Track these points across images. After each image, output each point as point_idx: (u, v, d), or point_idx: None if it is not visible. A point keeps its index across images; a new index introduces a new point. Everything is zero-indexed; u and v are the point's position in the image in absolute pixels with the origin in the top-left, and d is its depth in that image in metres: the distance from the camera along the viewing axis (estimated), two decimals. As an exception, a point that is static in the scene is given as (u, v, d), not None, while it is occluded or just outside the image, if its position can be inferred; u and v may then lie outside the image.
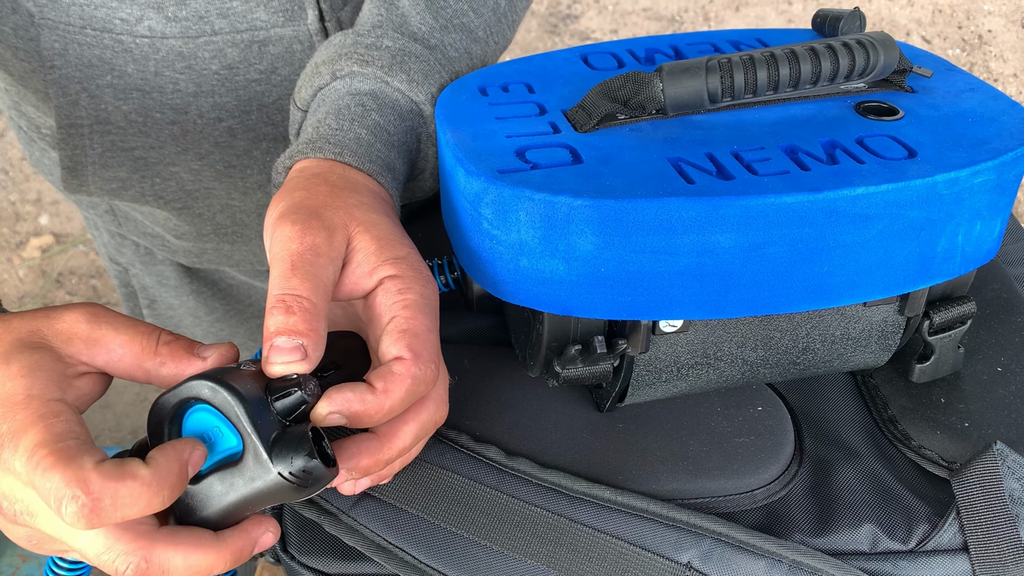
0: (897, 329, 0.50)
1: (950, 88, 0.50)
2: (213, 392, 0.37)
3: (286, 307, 0.39)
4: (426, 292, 0.43)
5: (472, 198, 0.43)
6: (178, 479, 0.36)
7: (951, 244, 0.44)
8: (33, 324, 0.40)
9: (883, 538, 0.47)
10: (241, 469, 0.37)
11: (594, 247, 0.41)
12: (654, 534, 0.45)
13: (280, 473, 0.37)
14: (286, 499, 0.38)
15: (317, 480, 0.38)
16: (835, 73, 0.45)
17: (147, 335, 0.41)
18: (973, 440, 0.49)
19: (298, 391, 0.38)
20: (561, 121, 0.47)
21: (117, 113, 0.66)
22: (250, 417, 0.37)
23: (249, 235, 0.78)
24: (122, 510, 0.34)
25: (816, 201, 0.40)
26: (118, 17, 0.62)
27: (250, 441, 0.37)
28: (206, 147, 0.69)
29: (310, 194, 0.44)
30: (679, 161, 0.42)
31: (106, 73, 0.64)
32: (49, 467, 0.34)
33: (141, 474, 0.35)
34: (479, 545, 0.45)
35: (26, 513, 0.37)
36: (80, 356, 0.40)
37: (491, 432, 0.49)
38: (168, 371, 0.40)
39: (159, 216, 0.75)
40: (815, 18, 0.53)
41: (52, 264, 1.91)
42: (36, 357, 0.38)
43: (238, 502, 0.38)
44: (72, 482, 0.34)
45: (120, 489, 0.34)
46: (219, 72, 0.65)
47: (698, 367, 0.49)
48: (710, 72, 0.44)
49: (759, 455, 0.49)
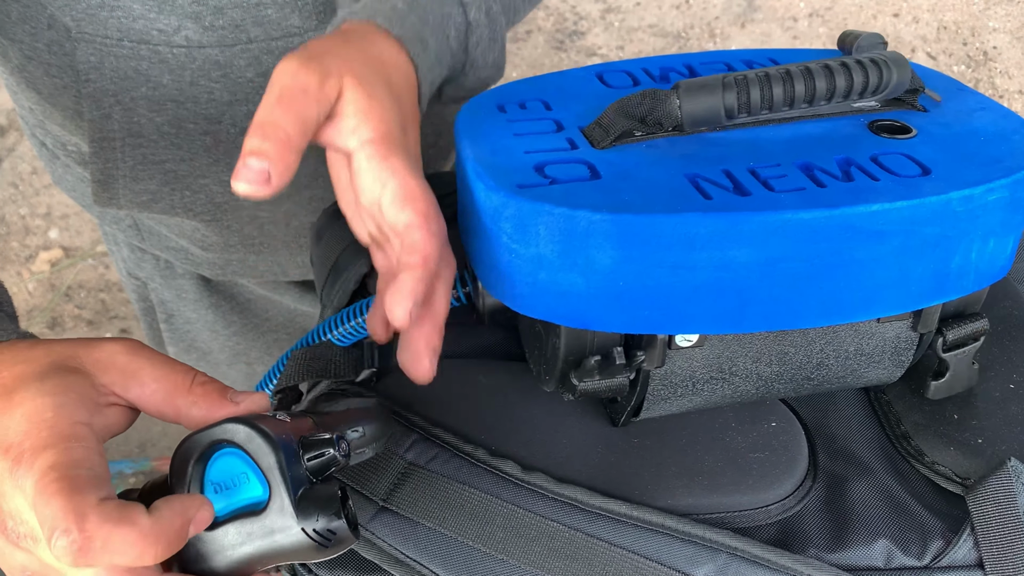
0: (910, 345, 0.50)
1: (961, 107, 0.50)
2: (248, 437, 0.37)
3: (263, 133, 0.40)
4: (409, 156, 0.44)
5: (492, 212, 0.44)
6: (177, 536, 0.35)
7: (965, 261, 0.45)
8: (73, 350, 0.40)
9: (897, 554, 0.47)
10: (262, 520, 0.37)
11: (612, 261, 0.42)
12: (670, 549, 0.45)
13: (304, 529, 0.36)
14: (302, 558, 0.37)
15: (339, 542, 0.37)
16: (849, 90, 0.46)
17: (183, 373, 0.41)
18: (987, 456, 0.49)
19: (332, 451, 0.38)
20: (578, 137, 0.47)
21: (150, 125, 0.67)
22: (282, 467, 0.36)
23: (275, 245, 0.78)
24: (111, 555, 0.34)
25: (833, 217, 0.41)
26: (156, 28, 0.62)
27: (278, 492, 0.36)
28: (237, 156, 0.69)
29: (324, 41, 0.46)
30: (696, 177, 0.43)
31: (141, 85, 0.65)
32: (52, 494, 0.34)
33: (140, 523, 0.34)
34: (496, 559, 0.45)
35: (30, 537, 0.36)
36: (114, 387, 0.40)
37: (507, 446, 0.49)
38: (199, 412, 0.40)
39: (186, 228, 0.76)
40: (840, 38, 0.54)
41: (61, 278, 1.91)
42: (71, 379, 0.38)
43: (252, 555, 0.37)
44: (69, 514, 0.33)
45: (114, 534, 0.34)
46: (254, 80, 0.66)
47: (713, 382, 0.49)
48: (727, 88, 0.45)
49: (774, 470, 0.49)
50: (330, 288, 0.63)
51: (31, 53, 0.65)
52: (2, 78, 0.75)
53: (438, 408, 0.51)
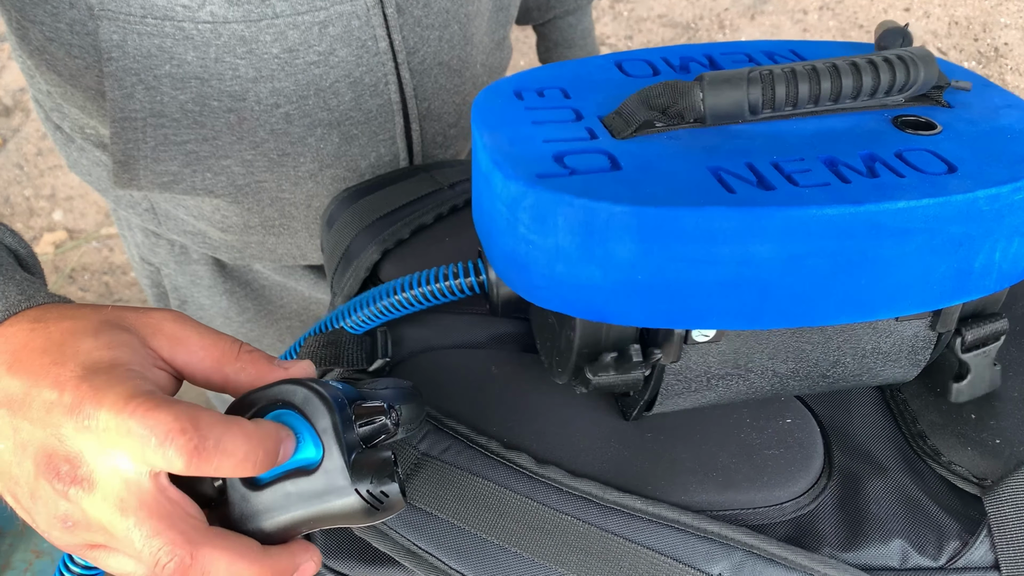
0: (928, 344, 0.50)
1: (987, 104, 0.49)
2: (306, 398, 0.37)
3: None
4: None
5: (509, 202, 0.43)
6: (274, 449, 0.36)
7: (988, 260, 0.44)
8: (123, 313, 0.40)
9: (913, 554, 0.47)
10: (314, 481, 0.36)
11: (632, 254, 0.41)
12: (685, 545, 0.44)
13: (357, 490, 0.36)
14: (351, 522, 0.37)
15: (390, 507, 0.37)
16: (876, 88, 0.45)
17: (230, 342, 0.41)
18: (1005, 457, 0.49)
19: (383, 419, 0.38)
20: (598, 127, 0.46)
21: (173, 104, 0.66)
22: (337, 429, 0.36)
23: (295, 227, 0.78)
24: (221, 457, 0.34)
25: (858, 214, 0.40)
26: (180, 4, 0.61)
27: (332, 453, 0.36)
28: (261, 135, 0.69)
29: None
30: (719, 170, 0.42)
31: (164, 63, 0.64)
32: (152, 408, 0.34)
33: (247, 428, 0.35)
34: (509, 552, 0.44)
35: (85, 480, 0.36)
36: (162, 351, 0.40)
37: (520, 439, 0.49)
38: (247, 377, 0.40)
39: (205, 210, 0.75)
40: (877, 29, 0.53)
41: (65, 260, 1.91)
42: (124, 336, 0.38)
43: (302, 516, 0.37)
44: (182, 418, 0.34)
45: (226, 434, 0.34)
46: (279, 56, 0.65)
47: (728, 378, 0.48)
48: (751, 84, 0.44)
49: (789, 468, 0.49)
50: (341, 275, 0.62)
51: (52, 34, 0.64)
52: (15, 60, 0.74)
53: (451, 399, 0.51)
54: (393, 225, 0.63)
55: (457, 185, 0.67)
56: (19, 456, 0.37)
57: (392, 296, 0.53)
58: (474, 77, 0.78)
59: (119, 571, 0.38)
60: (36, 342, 0.38)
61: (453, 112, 0.77)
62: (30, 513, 0.38)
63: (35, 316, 0.40)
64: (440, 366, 0.53)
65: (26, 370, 0.37)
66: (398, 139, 0.74)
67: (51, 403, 0.35)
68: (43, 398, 0.36)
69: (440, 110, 0.75)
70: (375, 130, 0.72)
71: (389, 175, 0.71)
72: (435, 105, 0.75)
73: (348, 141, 0.71)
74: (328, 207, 0.68)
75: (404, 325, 0.56)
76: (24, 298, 0.41)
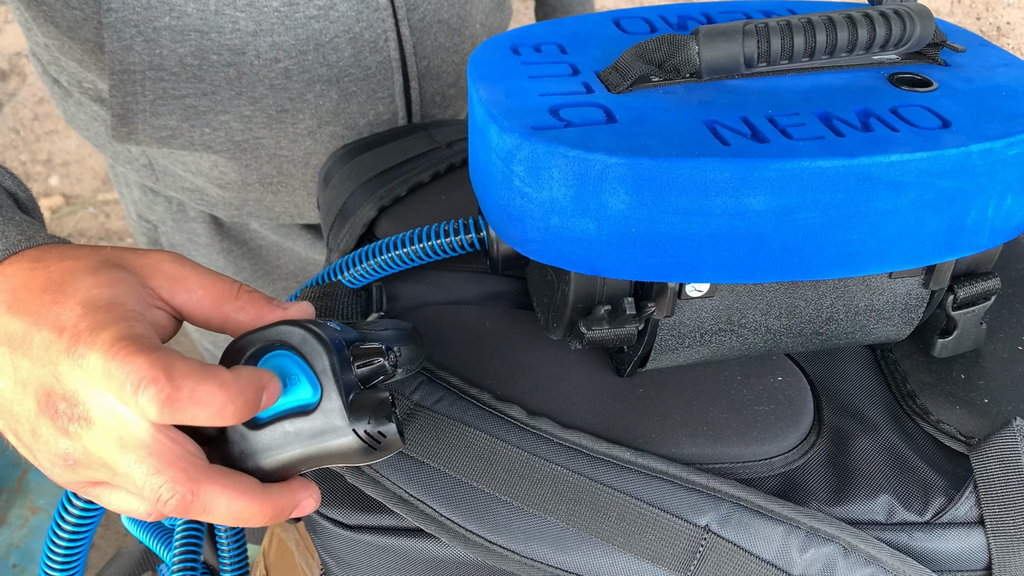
0: (920, 302, 0.50)
1: (984, 62, 0.49)
2: (303, 339, 0.37)
3: None
4: None
5: (504, 155, 0.43)
6: (254, 398, 0.36)
7: (981, 217, 0.44)
8: (122, 253, 0.40)
9: (899, 509, 0.47)
10: (312, 421, 0.37)
11: (626, 206, 0.41)
12: (673, 496, 0.45)
13: (355, 430, 0.36)
14: (348, 461, 0.38)
15: (388, 446, 0.37)
16: (871, 42, 0.45)
17: (230, 282, 0.41)
18: (992, 416, 0.49)
19: (381, 360, 0.38)
20: (594, 82, 0.46)
21: (172, 57, 0.66)
22: (335, 369, 0.36)
23: (293, 184, 0.78)
24: (195, 407, 0.34)
25: (851, 167, 0.40)
26: None
27: (330, 393, 0.36)
28: (260, 90, 0.69)
29: None
30: (714, 123, 0.42)
31: (164, 15, 0.64)
32: (130, 354, 0.34)
33: (224, 378, 0.35)
34: (500, 500, 0.45)
35: (83, 419, 0.36)
36: (161, 291, 0.40)
37: (512, 392, 0.49)
38: (246, 317, 0.40)
39: (204, 166, 0.75)
40: None
41: (61, 225, 1.91)
42: (123, 275, 0.39)
43: (300, 455, 0.37)
44: (156, 366, 0.34)
45: (200, 385, 0.34)
46: (279, 9, 0.64)
47: (721, 333, 0.49)
48: (747, 36, 0.44)
49: (779, 423, 0.49)
50: (337, 232, 0.62)
51: None
52: (14, 14, 0.74)
53: (445, 352, 0.51)
54: (390, 182, 0.63)
55: (455, 144, 0.67)
56: (20, 394, 0.37)
57: (392, 251, 0.53)
58: (473, 36, 0.78)
59: (121, 508, 0.39)
60: (36, 281, 0.38)
61: (452, 71, 0.77)
62: (32, 451, 0.38)
63: (35, 256, 0.40)
64: (434, 321, 0.54)
65: (26, 309, 0.37)
66: (397, 97, 0.73)
67: (50, 341, 0.36)
68: (43, 336, 0.36)
69: (439, 69, 0.75)
70: (374, 87, 0.72)
71: (387, 133, 0.71)
72: (434, 63, 0.75)
73: (347, 98, 0.71)
74: (325, 164, 0.68)
75: (399, 281, 0.57)
76: (24, 238, 0.41)
